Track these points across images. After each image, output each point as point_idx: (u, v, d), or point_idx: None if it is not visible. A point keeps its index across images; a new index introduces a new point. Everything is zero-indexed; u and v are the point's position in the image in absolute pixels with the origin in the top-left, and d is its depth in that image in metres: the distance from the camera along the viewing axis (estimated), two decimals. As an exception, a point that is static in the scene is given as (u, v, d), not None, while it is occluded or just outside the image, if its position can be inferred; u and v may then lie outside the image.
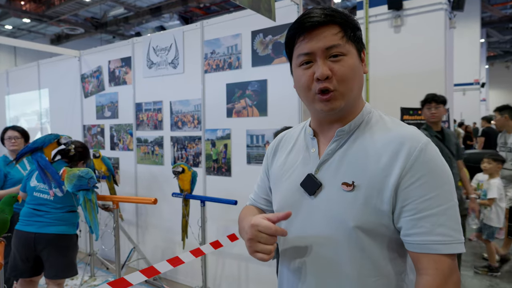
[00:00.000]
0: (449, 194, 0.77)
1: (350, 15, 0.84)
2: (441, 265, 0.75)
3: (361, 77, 0.86)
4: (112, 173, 3.48)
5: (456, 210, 0.77)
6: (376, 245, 0.80)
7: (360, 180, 0.80)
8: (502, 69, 20.31)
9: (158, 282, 3.30)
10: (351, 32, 0.83)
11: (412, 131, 0.81)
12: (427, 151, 0.77)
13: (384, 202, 0.78)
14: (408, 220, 0.77)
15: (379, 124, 0.85)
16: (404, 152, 0.77)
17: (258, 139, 2.80)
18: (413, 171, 0.76)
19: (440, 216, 0.75)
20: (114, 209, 2.81)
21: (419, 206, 0.76)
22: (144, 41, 3.52)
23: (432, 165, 0.77)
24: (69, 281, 3.43)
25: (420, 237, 0.76)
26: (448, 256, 0.75)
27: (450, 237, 0.75)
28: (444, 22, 5.41)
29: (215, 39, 3.02)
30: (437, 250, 0.75)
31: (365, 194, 0.79)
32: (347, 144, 0.84)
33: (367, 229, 0.79)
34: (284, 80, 2.63)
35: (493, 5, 11.82)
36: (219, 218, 3.06)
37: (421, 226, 0.75)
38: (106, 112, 3.90)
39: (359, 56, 0.85)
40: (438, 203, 0.75)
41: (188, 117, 3.22)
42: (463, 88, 10.78)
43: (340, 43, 0.81)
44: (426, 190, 0.76)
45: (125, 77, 3.70)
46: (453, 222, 0.76)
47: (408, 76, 5.51)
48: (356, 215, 0.79)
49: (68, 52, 4.18)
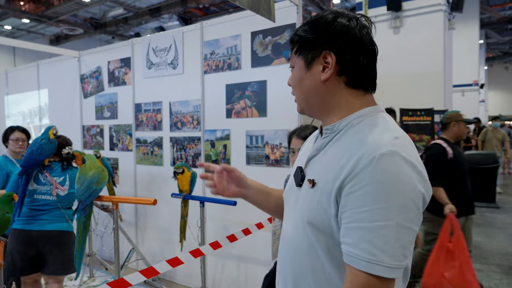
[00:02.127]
0: (391, 213, 0.70)
1: (300, 28, 0.91)
2: (356, 279, 0.72)
3: (306, 85, 0.88)
4: (110, 174, 3.48)
5: (393, 231, 0.70)
6: (325, 244, 0.81)
7: (319, 179, 0.83)
8: (501, 70, 20.35)
9: (157, 283, 3.29)
10: (296, 46, 0.91)
11: (378, 140, 0.76)
12: (382, 161, 0.72)
13: (331, 204, 0.78)
14: (343, 227, 0.76)
15: (361, 129, 0.82)
16: (355, 159, 0.75)
17: (258, 140, 2.80)
18: (357, 179, 0.73)
19: (370, 232, 0.70)
20: (114, 209, 2.81)
21: (353, 215, 0.73)
22: (143, 41, 3.52)
23: (381, 178, 0.71)
24: (68, 282, 3.42)
25: (347, 247, 0.74)
26: (368, 274, 0.71)
27: (373, 256, 0.70)
28: (443, 23, 5.42)
29: (215, 40, 3.02)
30: (355, 264, 0.72)
31: (319, 193, 0.81)
32: (330, 144, 0.86)
33: (317, 226, 0.81)
34: (283, 81, 2.62)
35: (491, 6, 11.85)
36: (219, 219, 3.06)
37: (350, 236, 0.73)
38: (105, 112, 3.90)
39: (307, 66, 0.88)
40: (374, 218, 0.70)
41: (187, 117, 3.22)
42: (462, 89, 10.80)
43: (290, 56, 0.94)
44: (364, 202, 0.72)
45: (125, 78, 3.70)
46: (382, 242, 0.70)
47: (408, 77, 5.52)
48: (309, 212, 0.83)
49: (67, 52, 4.18)
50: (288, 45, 2.60)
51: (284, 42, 2.64)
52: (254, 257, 2.88)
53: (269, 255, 2.65)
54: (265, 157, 2.76)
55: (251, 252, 2.89)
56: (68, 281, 3.46)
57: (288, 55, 0.98)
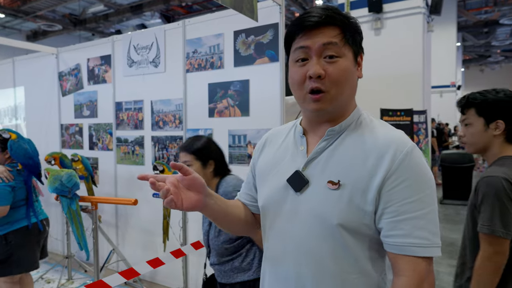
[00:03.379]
0: (430, 199, 0.79)
1: (352, 18, 0.84)
2: (418, 267, 0.77)
3: (353, 81, 0.86)
4: (90, 174, 3.41)
5: (435, 215, 0.79)
6: (357, 244, 0.81)
7: (346, 179, 0.81)
8: (476, 72, 21.01)
9: (138, 284, 3.25)
10: (350, 35, 0.83)
11: (399, 135, 0.83)
12: (413, 155, 0.79)
13: (367, 202, 0.79)
14: (389, 221, 0.78)
15: (368, 126, 0.86)
16: (390, 155, 0.79)
17: (240, 139, 2.80)
18: (397, 174, 0.78)
19: (420, 219, 0.77)
20: (93, 210, 2.76)
21: (400, 208, 0.77)
22: (124, 39, 3.46)
23: (416, 169, 0.79)
24: (45, 285, 3.34)
25: (399, 239, 0.77)
26: (425, 258, 0.77)
27: (428, 241, 0.77)
28: (422, 25, 5.55)
29: (197, 39, 3.00)
30: (415, 252, 0.77)
31: (349, 193, 0.80)
32: (336, 143, 0.85)
33: (349, 227, 0.80)
34: (266, 81, 2.64)
35: (468, 10, 12.20)
36: (201, 219, 3.04)
37: (401, 228, 0.77)
38: (84, 111, 3.81)
39: (355, 60, 0.86)
40: (419, 207, 0.77)
41: (169, 116, 3.19)
42: (441, 90, 11.10)
43: (337, 42, 0.81)
44: (408, 193, 0.77)
45: (105, 76, 3.63)
46: (432, 226, 0.78)
47: (388, 78, 5.63)
48: (340, 213, 0.80)
49: (45, 49, 4.07)
50: (271, 44, 2.61)
51: (266, 42, 2.64)
52: (237, 256, 2.87)
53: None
54: (247, 156, 2.76)
55: (234, 251, 2.88)
56: (46, 283, 3.37)
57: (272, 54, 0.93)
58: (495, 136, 1.39)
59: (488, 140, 1.41)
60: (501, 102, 1.37)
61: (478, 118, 1.41)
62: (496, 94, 1.39)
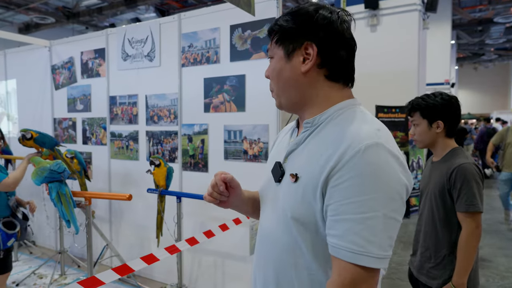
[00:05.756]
0: (377, 204, 0.71)
1: (280, 18, 0.88)
2: (344, 272, 0.72)
3: (287, 77, 0.86)
4: (84, 168, 3.37)
5: (379, 222, 0.71)
6: (310, 239, 0.80)
7: (302, 173, 0.81)
8: (470, 71, 21.14)
9: (132, 280, 3.23)
10: (276, 35, 0.88)
11: (363, 131, 0.76)
12: (366, 154, 0.72)
13: (316, 198, 0.77)
14: (329, 220, 0.76)
15: (347, 121, 0.81)
16: (341, 151, 0.74)
17: (236, 134, 2.78)
18: (343, 171, 0.73)
19: (357, 223, 0.71)
20: (87, 205, 2.72)
21: (339, 208, 0.73)
22: (119, 32, 3.42)
23: (366, 170, 0.71)
24: (38, 280, 3.31)
25: (333, 239, 0.74)
26: (356, 266, 0.71)
27: (361, 248, 0.70)
28: (418, 22, 5.55)
29: (193, 33, 2.97)
30: (343, 256, 0.72)
31: (303, 187, 0.80)
32: (310, 137, 0.85)
33: (302, 222, 0.80)
34: (262, 76, 2.61)
35: (463, 8, 12.25)
36: (195, 215, 3.03)
37: (337, 228, 0.73)
38: (78, 105, 3.76)
39: (287, 56, 0.86)
40: (359, 210, 0.71)
41: (164, 111, 3.16)
42: (435, 88, 11.11)
43: (269, 47, 0.92)
44: (350, 193, 0.72)
45: (99, 69, 3.58)
46: (369, 234, 0.70)
47: (383, 75, 5.63)
48: (293, 207, 0.81)
49: (38, 41, 4.00)
50: (267, 39, 2.59)
51: (263, 37, 2.62)
52: (232, 252, 2.87)
53: (247, 250, 2.65)
54: (243, 152, 2.75)
55: (228, 247, 2.87)
56: (38, 279, 3.34)
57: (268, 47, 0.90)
58: (437, 133, 1.65)
59: (433, 137, 1.67)
60: (439, 106, 1.63)
61: (423, 119, 1.67)
62: (435, 99, 1.64)
